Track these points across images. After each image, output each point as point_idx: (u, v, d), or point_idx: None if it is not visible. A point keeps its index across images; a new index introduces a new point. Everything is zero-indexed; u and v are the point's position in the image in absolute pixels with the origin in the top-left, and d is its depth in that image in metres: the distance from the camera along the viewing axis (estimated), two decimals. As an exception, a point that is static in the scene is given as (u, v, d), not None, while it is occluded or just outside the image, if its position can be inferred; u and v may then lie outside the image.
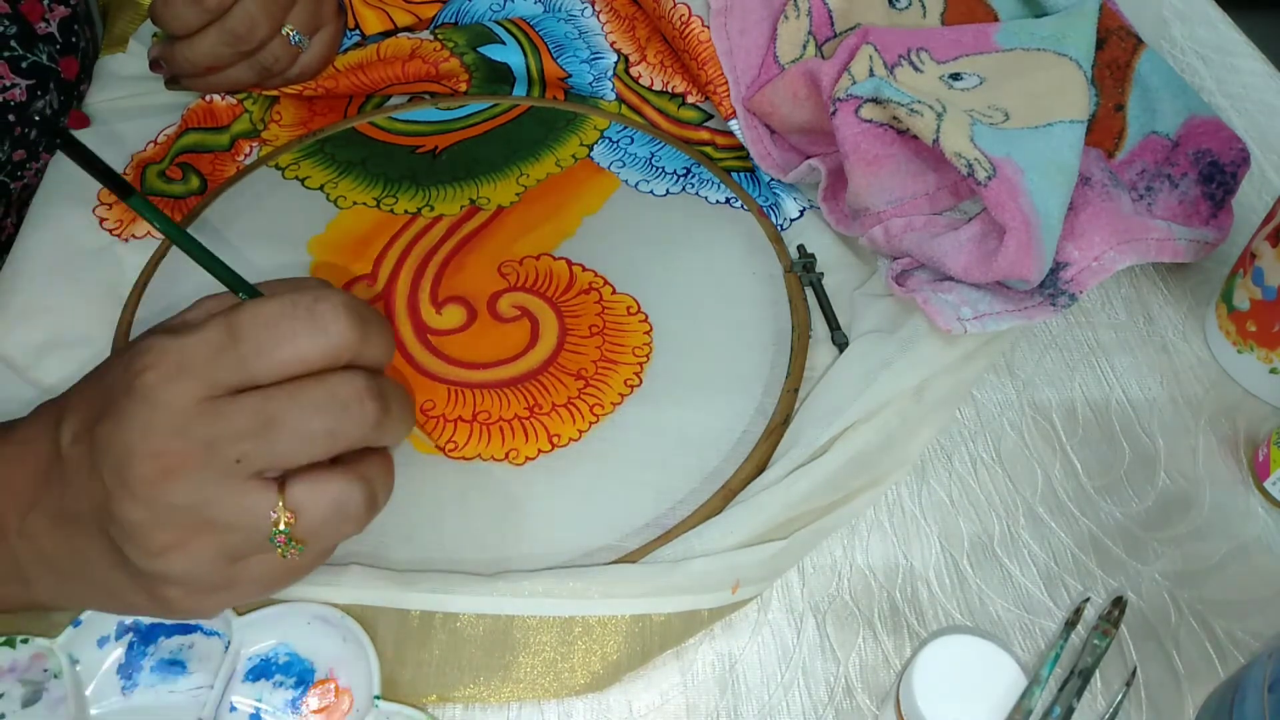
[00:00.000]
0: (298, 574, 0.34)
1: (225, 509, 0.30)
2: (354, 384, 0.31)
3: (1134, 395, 0.49)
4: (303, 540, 0.32)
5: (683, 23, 0.56)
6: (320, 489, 0.31)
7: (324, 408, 0.31)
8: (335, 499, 0.32)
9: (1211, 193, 0.50)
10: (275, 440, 0.30)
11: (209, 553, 0.31)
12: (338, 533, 0.33)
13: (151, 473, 0.30)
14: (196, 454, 0.30)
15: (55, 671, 0.36)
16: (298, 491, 0.31)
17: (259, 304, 0.31)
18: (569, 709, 0.38)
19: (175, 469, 0.30)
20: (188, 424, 0.30)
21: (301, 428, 0.30)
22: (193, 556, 0.31)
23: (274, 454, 0.30)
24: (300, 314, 0.31)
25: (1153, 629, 0.40)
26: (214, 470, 0.30)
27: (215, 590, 0.33)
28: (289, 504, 0.31)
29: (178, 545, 0.31)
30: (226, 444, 0.30)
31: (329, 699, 0.37)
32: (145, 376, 0.30)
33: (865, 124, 0.48)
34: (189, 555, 0.31)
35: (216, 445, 0.30)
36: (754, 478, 0.43)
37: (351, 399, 0.31)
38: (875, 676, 0.39)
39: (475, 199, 0.54)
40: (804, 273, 0.51)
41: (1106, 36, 0.54)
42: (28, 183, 0.60)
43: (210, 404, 0.30)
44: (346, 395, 0.31)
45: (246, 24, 0.50)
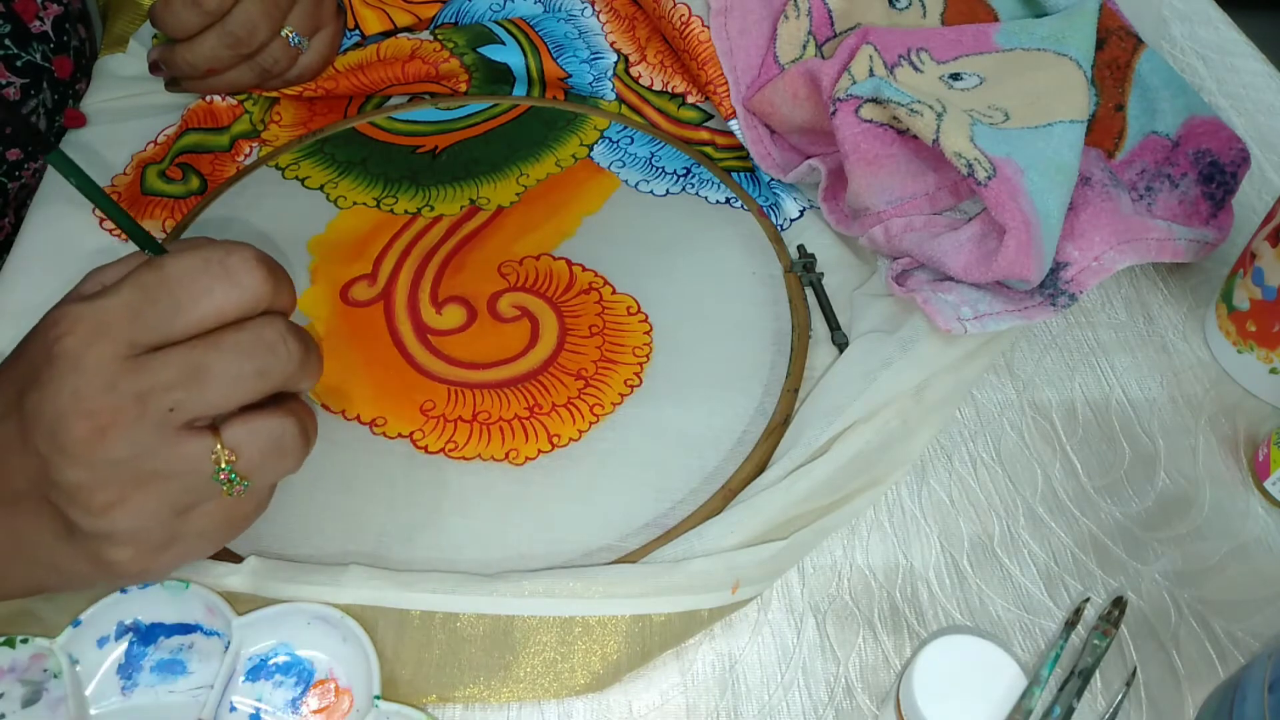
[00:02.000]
0: (239, 524, 0.35)
1: (164, 459, 0.31)
2: (274, 327, 0.32)
3: (1134, 395, 0.49)
4: (247, 476, 0.32)
5: (683, 23, 0.56)
6: (255, 426, 0.32)
7: (251, 350, 0.32)
8: (271, 433, 0.33)
9: (1211, 193, 0.50)
10: (206, 386, 0.31)
11: (153, 505, 0.32)
12: (278, 467, 0.34)
13: (87, 432, 0.30)
14: (129, 408, 0.30)
15: (55, 671, 0.36)
16: (234, 431, 0.32)
17: (172, 261, 0.31)
18: (569, 709, 0.38)
19: (110, 425, 0.30)
20: (116, 381, 0.30)
21: (231, 371, 0.31)
22: (138, 511, 0.31)
23: (206, 400, 0.31)
24: (214, 269, 0.31)
25: (1153, 629, 0.40)
26: (148, 422, 0.30)
27: (163, 547, 0.33)
28: (227, 444, 0.32)
29: (121, 501, 0.31)
30: (158, 395, 0.30)
31: (329, 699, 0.37)
32: (64, 342, 0.30)
33: (865, 124, 0.48)
34: (134, 510, 0.31)
35: (148, 397, 0.30)
36: (754, 478, 0.43)
37: (275, 340, 0.32)
38: (875, 676, 0.39)
39: (475, 199, 0.54)
40: (804, 273, 0.51)
41: (1106, 36, 0.54)
42: (25, 182, 0.60)
43: (135, 360, 0.30)
44: (271, 337, 0.32)
45: (246, 26, 0.50)
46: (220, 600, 0.37)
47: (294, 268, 0.50)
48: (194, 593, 0.38)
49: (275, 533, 0.41)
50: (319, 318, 0.48)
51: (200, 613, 0.38)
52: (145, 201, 0.53)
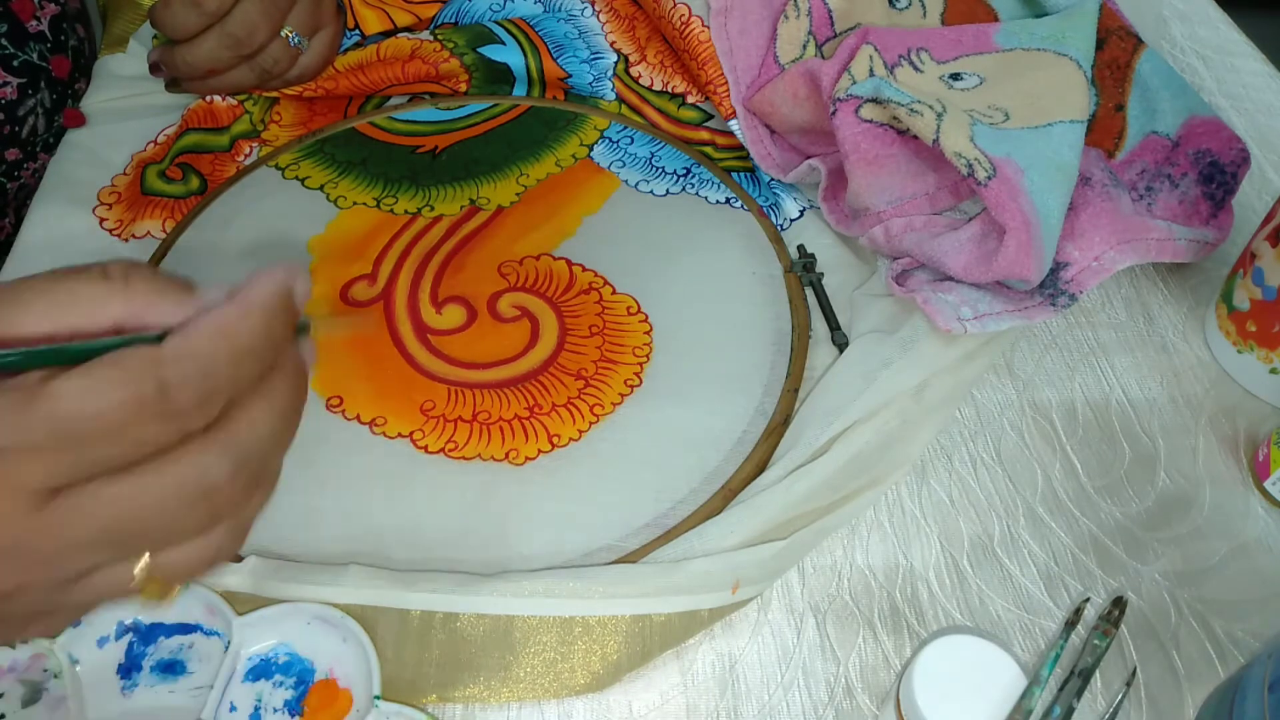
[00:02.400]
0: None
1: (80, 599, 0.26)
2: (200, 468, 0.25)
3: (1134, 395, 0.49)
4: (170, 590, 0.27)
5: (683, 23, 0.56)
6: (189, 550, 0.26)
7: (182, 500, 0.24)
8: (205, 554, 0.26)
9: (1211, 193, 0.50)
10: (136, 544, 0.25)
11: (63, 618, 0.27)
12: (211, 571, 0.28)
13: None
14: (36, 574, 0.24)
15: (55, 671, 0.36)
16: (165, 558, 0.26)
17: None
18: (569, 709, 0.38)
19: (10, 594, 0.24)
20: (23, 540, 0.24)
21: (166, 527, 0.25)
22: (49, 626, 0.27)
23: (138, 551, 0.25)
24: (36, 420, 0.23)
25: (1153, 629, 0.40)
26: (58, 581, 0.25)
27: None
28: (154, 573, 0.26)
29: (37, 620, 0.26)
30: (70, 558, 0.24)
31: (329, 699, 0.37)
32: None
33: (865, 124, 0.48)
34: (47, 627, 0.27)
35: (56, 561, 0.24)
36: (754, 478, 0.43)
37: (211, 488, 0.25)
38: (875, 676, 0.39)
39: (475, 199, 0.54)
40: (804, 273, 0.51)
41: (1106, 36, 0.54)
42: (24, 183, 0.60)
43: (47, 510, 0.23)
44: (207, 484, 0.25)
45: (246, 27, 0.50)
46: (220, 600, 0.37)
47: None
48: (194, 593, 0.38)
49: (275, 533, 0.41)
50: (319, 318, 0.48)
51: (200, 613, 0.38)
52: (145, 201, 0.53)
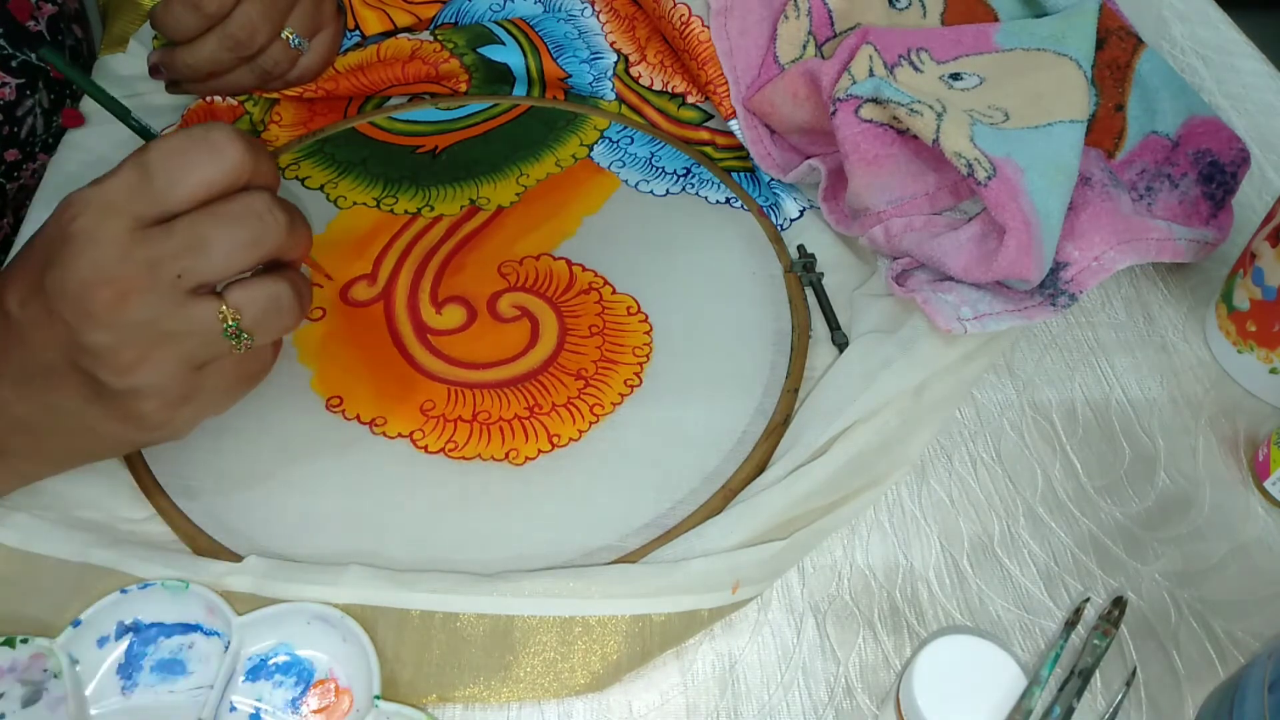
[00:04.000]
0: (250, 381, 0.39)
1: (177, 319, 0.35)
2: (261, 198, 0.36)
3: (1134, 395, 0.49)
4: (251, 331, 0.36)
5: (683, 23, 0.56)
6: (254, 288, 0.36)
7: (242, 219, 0.35)
8: (269, 294, 0.36)
9: (1211, 193, 0.50)
10: (208, 253, 0.35)
11: (171, 361, 0.35)
12: (278, 324, 0.37)
13: (109, 297, 0.33)
14: (143, 276, 0.34)
15: (55, 671, 0.36)
16: (235, 294, 0.36)
17: (161, 142, 0.35)
18: (569, 709, 0.38)
19: (128, 291, 0.34)
20: (129, 251, 0.34)
21: (227, 239, 0.35)
22: (158, 367, 0.35)
23: (209, 265, 0.35)
24: (198, 144, 0.35)
25: (1153, 629, 0.40)
26: (161, 287, 0.34)
27: (183, 400, 0.36)
28: (230, 304, 0.35)
29: (143, 359, 0.35)
30: (167, 263, 0.34)
31: (329, 699, 0.37)
32: (77, 222, 0.34)
33: (865, 124, 0.48)
34: (154, 366, 0.35)
35: (158, 265, 0.34)
36: (754, 478, 0.43)
37: (263, 209, 0.36)
38: (875, 676, 0.39)
39: (475, 199, 0.54)
40: (804, 273, 0.51)
41: (1106, 36, 0.54)
42: (24, 183, 0.60)
43: (143, 233, 0.34)
44: (259, 207, 0.36)
45: (247, 29, 0.49)
46: (220, 600, 0.37)
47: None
48: (194, 593, 0.38)
49: (275, 533, 0.41)
50: (319, 318, 0.48)
51: (200, 613, 0.38)
52: (145, 201, 0.53)
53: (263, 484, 0.42)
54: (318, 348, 0.47)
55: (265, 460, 0.43)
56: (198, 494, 0.42)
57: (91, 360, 0.34)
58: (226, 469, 0.43)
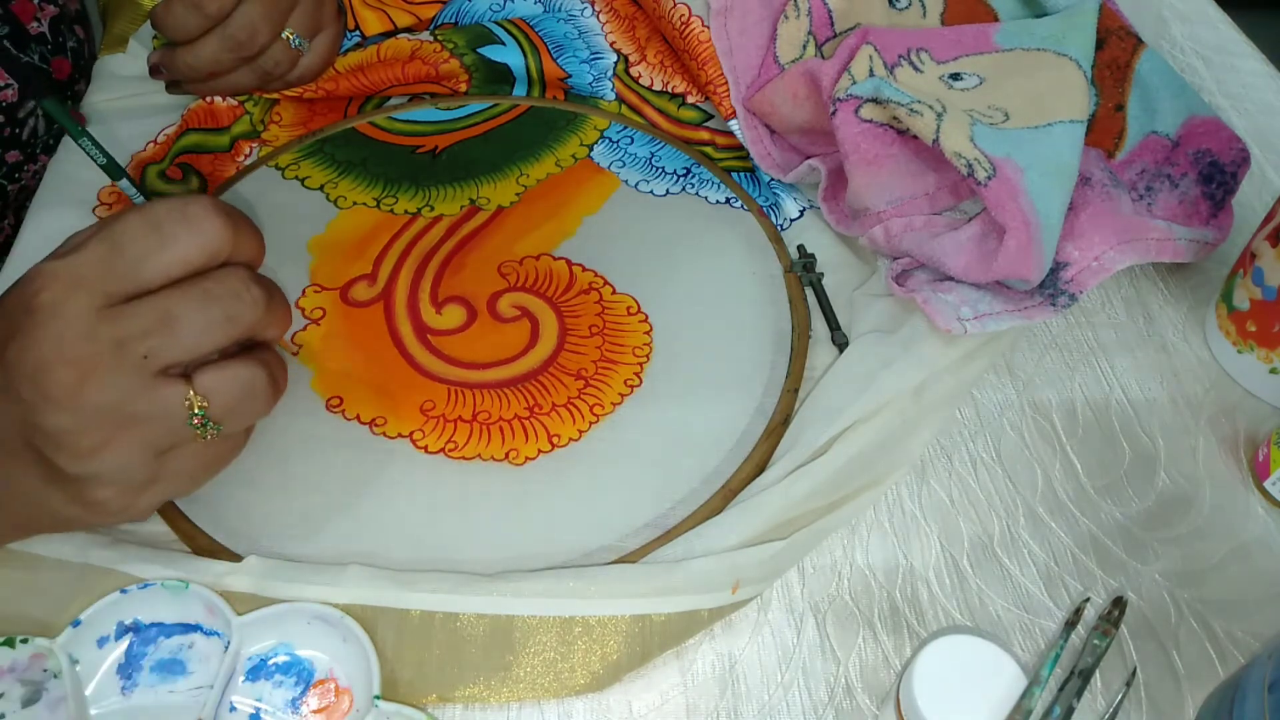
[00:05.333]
0: (217, 465, 0.37)
1: (142, 403, 0.33)
2: (238, 275, 0.34)
3: (1134, 395, 0.49)
4: (219, 421, 0.34)
5: (683, 23, 0.56)
6: (225, 373, 0.35)
7: (217, 297, 0.34)
8: (241, 379, 0.35)
9: (1211, 193, 0.50)
10: (178, 333, 0.33)
11: (135, 447, 0.33)
12: (249, 412, 0.36)
13: (70, 378, 0.32)
14: (108, 355, 0.32)
15: (55, 671, 0.36)
16: (205, 378, 0.34)
17: (134, 214, 0.33)
18: (569, 709, 0.38)
19: (90, 372, 0.32)
20: (94, 330, 0.32)
21: (199, 318, 0.33)
22: (120, 453, 0.33)
23: (179, 346, 0.33)
24: (174, 218, 0.33)
25: (1153, 629, 0.40)
26: (126, 368, 0.32)
27: (144, 486, 0.35)
28: (199, 390, 0.34)
29: (105, 444, 0.33)
30: (134, 343, 0.32)
31: (329, 699, 0.37)
32: (42, 297, 0.32)
33: (865, 124, 0.48)
34: (117, 452, 0.33)
35: (125, 345, 0.32)
36: (754, 478, 0.43)
37: (240, 287, 0.34)
38: (875, 676, 0.39)
39: (475, 199, 0.54)
40: (804, 273, 0.51)
41: (1106, 36, 0.54)
42: (25, 184, 0.60)
43: (110, 310, 0.32)
44: (235, 284, 0.34)
45: (247, 30, 0.49)
46: (220, 600, 0.37)
47: (294, 267, 0.50)
48: (194, 593, 0.38)
49: (275, 533, 0.41)
50: (319, 318, 0.48)
51: (200, 613, 0.38)
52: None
53: (263, 484, 0.42)
54: (318, 348, 0.47)
55: (265, 460, 0.43)
56: (197, 494, 0.42)
57: (49, 443, 0.32)
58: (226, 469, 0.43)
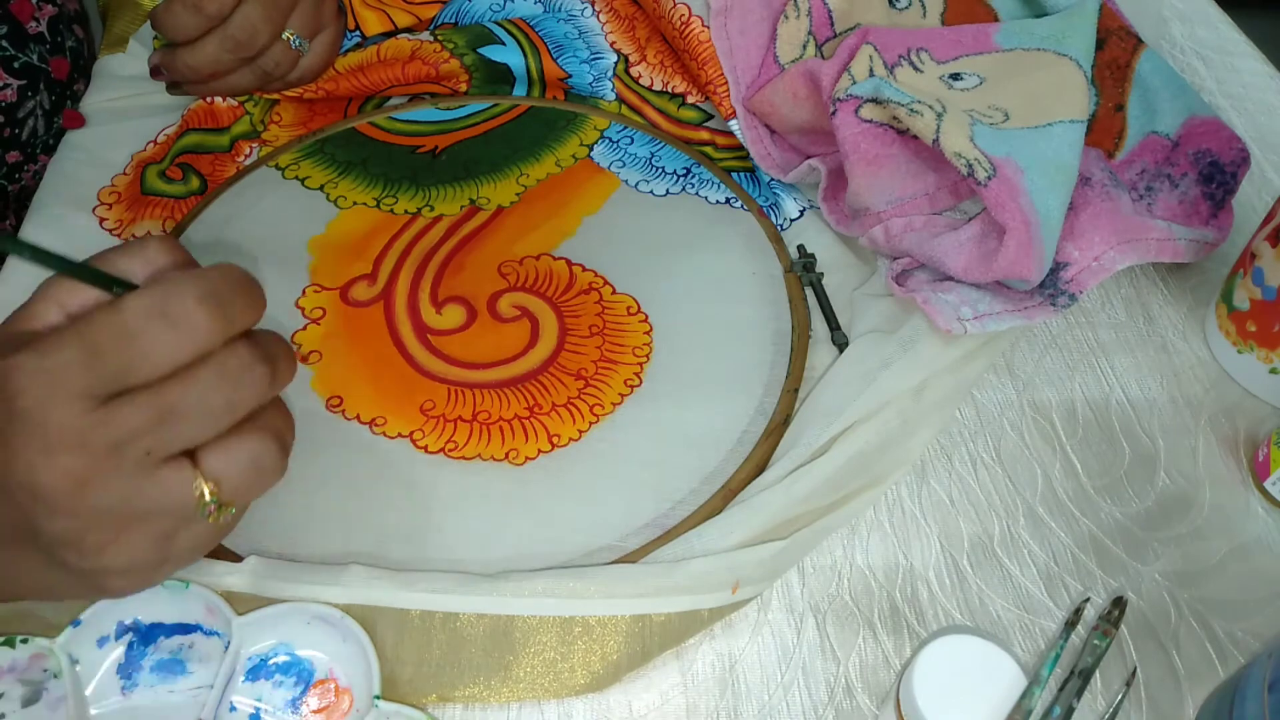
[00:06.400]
0: (226, 533, 0.35)
1: (148, 499, 0.31)
2: (238, 356, 0.32)
3: (1134, 395, 0.49)
4: (230, 503, 0.32)
5: (683, 23, 0.56)
6: (233, 453, 0.32)
7: (216, 385, 0.31)
8: (250, 456, 0.32)
9: (1211, 193, 0.50)
10: (178, 426, 0.31)
11: (144, 540, 0.32)
12: (260, 486, 0.33)
13: (67, 486, 0.30)
14: (104, 460, 0.30)
15: (55, 671, 0.36)
16: (212, 461, 0.32)
17: (111, 316, 0.30)
18: (569, 709, 0.38)
19: (89, 479, 0.30)
20: (85, 436, 0.29)
21: (200, 408, 0.31)
22: (130, 547, 0.32)
23: (181, 439, 0.31)
24: (155, 321, 0.30)
25: (1153, 629, 0.40)
26: (127, 468, 0.30)
27: (156, 568, 0.33)
28: (208, 475, 0.31)
29: (112, 541, 0.31)
30: (131, 443, 0.30)
31: (329, 699, 0.37)
32: (21, 402, 0.29)
33: (865, 124, 0.48)
34: (126, 547, 0.32)
35: (121, 446, 0.30)
36: (754, 478, 0.43)
37: (240, 370, 0.31)
38: (875, 676, 0.39)
39: (475, 199, 0.54)
40: (804, 273, 0.51)
41: (1106, 36, 0.54)
42: (25, 184, 0.60)
43: (102, 411, 0.30)
44: (235, 367, 0.31)
45: (248, 30, 0.49)
46: (220, 600, 0.37)
47: (294, 268, 0.50)
48: (194, 593, 0.38)
49: (275, 533, 0.41)
50: (319, 318, 0.48)
51: (200, 613, 0.38)
52: (145, 201, 0.53)
53: (263, 484, 0.42)
54: (318, 348, 0.47)
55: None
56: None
57: (53, 543, 0.31)
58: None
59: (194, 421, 0.31)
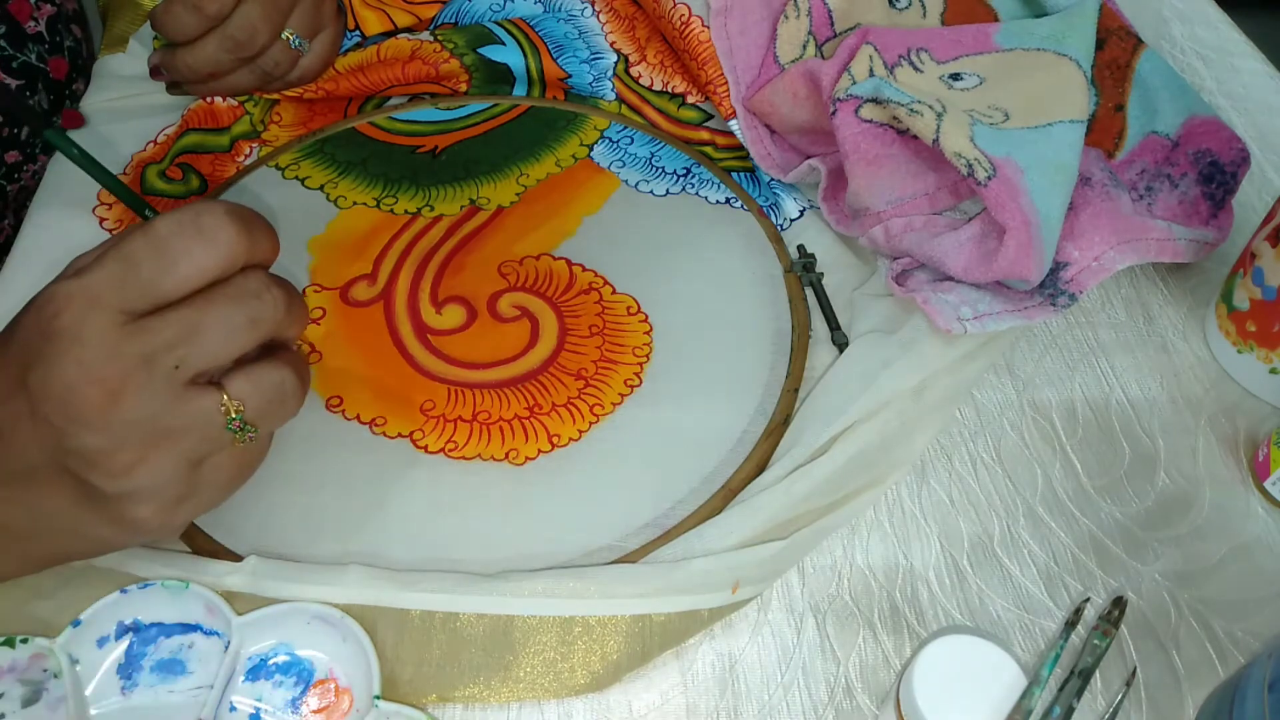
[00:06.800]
0: (247, 471, 0.37)
1: (177, 414, 0.32)
2: (257, 278, 0.34)
3: (1134, 395, 0.49)
4: (255, 424, 0.34)
5: (683, 23, 0.56)
6: (256, 375, 0.34)
7: (238, 301, 0.33)
8: (272, 381, 0.35)
9: (1211, 193, 0.50)
10: (205, 340, 0.32)
11: (171, 461, 0.33)
12: (281, 412, 0.35)
13: (99, 398, 0.31)
14: (136, 371, 0.31)
15: (55, 671, 0.36)
16: (238, 383, 0.34)
17: (147, 229, 0.32)
18: (569, 709, 0.38)
19: (121, 389, 0.31)
20: (119, 347, 0.31)
21: (224, 323, 0.33)
22: (157, 467, 0.33)
23: (206, 353, 0.33)
24: (188, 230, 0.32)
25: (1153, 629, 0.40)
26: (157, 382, 0.32)
27: (181, 500, 0.34)
28: (233, 396, 0.33)
29: (141, 460, 0.32)
30: (161, 355, 0.32)
31: (329, 699, 0.37)
32: (61, 319, 0.31)
33: (865, 124, 0.48)
34: (153, 467, 0.32)
35: (153, 358, 0.32)
36: (754, 478, 0.43)
37: (260, 289, 0.34)
38: (875, 676, 0.39)
39: (475, 199, 0.54)
40: (804, 273, 0.51)
41: (1106, 36, 0.54)
42: (24, 184, 0.60)
43: (134, 325, 0.32)
44: (254, 288, 0.34)
45: (247, 30, 0.49)
46: (220, 600, 0.37)
47: (294, 268, 0.50)
48: (194, 593, 0.38)
49: (275, 533, 0.41)
50: (319, 318, 0.48)
51: (200, 613, 0.38)
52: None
53: (263, 484, 0.42)
54: (318, 348, 0.47)
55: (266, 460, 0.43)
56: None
57: (82, 464, 0.32)
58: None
59: (219, 336, 0.33)
